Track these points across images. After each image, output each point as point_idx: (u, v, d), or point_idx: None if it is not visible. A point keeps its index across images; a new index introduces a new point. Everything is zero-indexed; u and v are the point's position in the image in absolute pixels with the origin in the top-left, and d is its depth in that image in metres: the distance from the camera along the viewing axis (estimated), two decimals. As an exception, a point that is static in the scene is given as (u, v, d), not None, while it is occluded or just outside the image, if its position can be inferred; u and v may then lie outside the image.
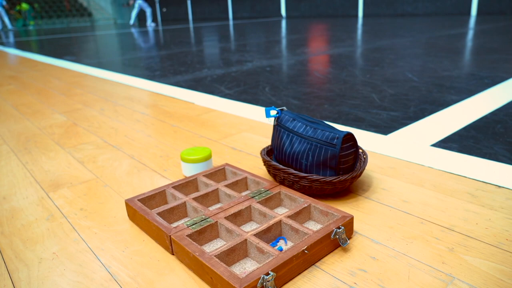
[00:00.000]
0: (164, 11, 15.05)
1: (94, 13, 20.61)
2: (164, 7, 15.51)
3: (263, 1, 11.77)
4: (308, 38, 4.46)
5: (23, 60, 3.60)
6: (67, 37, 7.28)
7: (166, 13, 16.25)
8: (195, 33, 6.53)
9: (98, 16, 20.38)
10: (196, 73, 2.30)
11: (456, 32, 4.18)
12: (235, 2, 12.78)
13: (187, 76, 2.22)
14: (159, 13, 16.67)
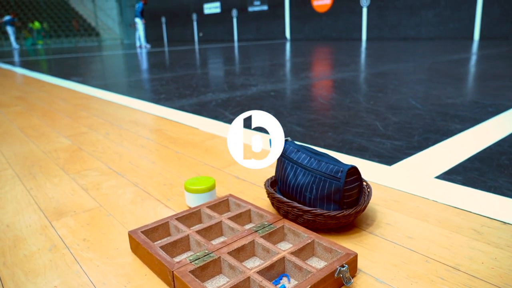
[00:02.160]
0: (201, 35, 15.16)
1: (102, 33, 21.00)
2: (201, 31, 15.67)
3: (268, 24, 11.96)
4: (312, 62, 4.51)
5: (31, 81, 3.65)
6: (75, 57, 7.40)
7: (172, 34, 16.53)
8: (200, 55, 6.63)
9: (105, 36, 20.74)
10: (201, 97, 2.32)
11: (459, 57, 4.22)
12: (240, 24, 12.99)
13: (192, 100, 2.24)
14: (166, 34, 16.95)
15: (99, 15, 21.43)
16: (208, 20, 14.34)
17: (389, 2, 8.87)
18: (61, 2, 23.32)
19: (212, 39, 14.28)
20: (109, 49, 11.40)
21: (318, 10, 10.39)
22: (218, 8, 13.61)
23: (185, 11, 15.35)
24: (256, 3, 12.09)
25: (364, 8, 9.34)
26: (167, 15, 16.53)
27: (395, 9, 8.78)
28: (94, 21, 21.10)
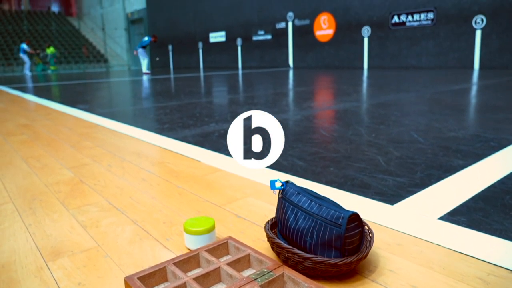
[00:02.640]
0: (157, 60, 15.54)
1: (110, 59, 21.39)
2: (158, 56, 16.00)
3: (272, 52, 12.16)
4: (314, 91, 4.55)
5: (38, 107, 3.70)
6: (83, 83, 7.51)
7: (178, 61, 16.81)
8: (205, 82, 6.71)
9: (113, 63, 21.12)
10: (204, 127, 2.34)
11: (460, 88, 4.24)
12: (245, 52, 13.21)
13: (195, 131, 2.25)
14: (172, 61, 17.24)
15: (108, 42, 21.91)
16: (214, 48, 14.60)
17: (389, 33, 9.02)
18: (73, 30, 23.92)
19: (217, 66, 14.50)
20: (116, 75, 11.58)
21: (321, 40, 10.58)
22: (224, 37, 13.88)
23: (191, 39, 15.67)
24: (260, 32, 12.33)
25: (365, 38, 9.50)
26: (174, 43, 16.87)
27: (395, 39, 8.93)
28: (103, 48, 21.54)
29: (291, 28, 11.38)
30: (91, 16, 25.54)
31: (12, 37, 21.09)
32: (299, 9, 11.04)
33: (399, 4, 8.75)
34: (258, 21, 12.41)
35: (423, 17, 8.39)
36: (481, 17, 7.51)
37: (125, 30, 20.09)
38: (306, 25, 10.91)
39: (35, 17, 24.58)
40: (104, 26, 20.16)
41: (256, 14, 12.43)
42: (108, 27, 21.23)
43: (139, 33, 19.62)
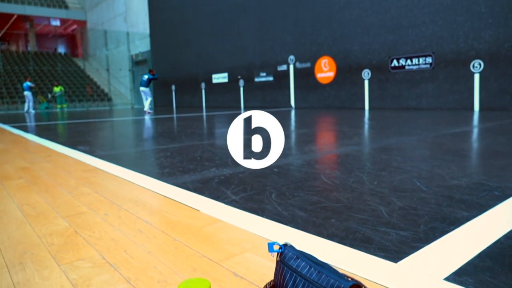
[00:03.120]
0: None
1: (114, 98, 21.74)
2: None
3: (273, 93, 12.36)
4: (316, 133, 4.57)
5: (38, 148, 3.70)
6: (85, 123, 7.58)
7: (181, 100, 17.07)
8: (207, 123, 6.77)
9: (117, 101, 21.45)
10: (204, 172, 2.32)
11: (461, 131, 4.26)
12: (247, 92, 13.44)
13: (195, 176, 2.23)
14: (175, 101, 17.52)
15: (112, 82, 22.38)
16: (216, 88, 14.87)
17: (389, 75, 9.20)
18: (78, 70, 24.52)
19: (220, 106, 14.70)
20: (119, 114, 11.71)
21: (322, 82, 10.78)
22: (226, 78, 14.17)
23: (194, 80, 16.00)
24: (262, 74, 12.60)
25: (365, 80, 9.67)
26: (177, 83, 17.21)
27: (395, 82, 9.08)
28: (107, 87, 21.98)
29: (292, 70, 11.63)
30: (96, 57, 26.26)
31: (18, 76, 21.59)
32: (300, 53, 11.33)
33: (398, 49, 8.97)
34: (260, 63, 12.71)
35: (421, 61, 8.57)
36: (479, 62, 7.66)
37: (130, 71, 20.58)
38: (307, 68, 11.15)
39: (42, 58, 25.28)
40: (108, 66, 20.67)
41: (258, 57, 12.75)
42: (113, 68, 21.75)
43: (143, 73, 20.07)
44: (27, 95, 15.70)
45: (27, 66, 22.80)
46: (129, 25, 21.28)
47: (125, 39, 20.87)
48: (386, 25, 9.17)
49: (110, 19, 23.71)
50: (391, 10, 9.08)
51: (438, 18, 8.29)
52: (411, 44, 8.75)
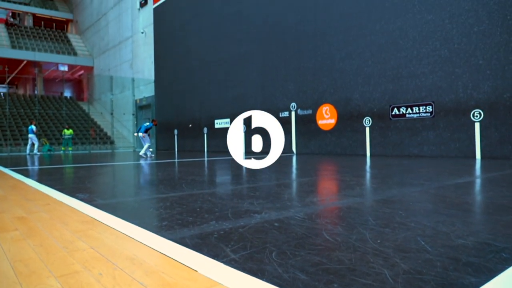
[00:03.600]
0: (190, 126, 15.98)
1: (116, 141, 21.89)
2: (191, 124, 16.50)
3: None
4: (317, 182, 4.54)
5: (37, 196, 3.67)
6: (87, 167, 7.58)
7: (183, 144, 17.18)
8: (208, 169, 6.75)
9: (119, 144, 21.59)
10: (203, 226, 2.27)
11: (464, 181, 4.22)
12: (249, 138, 13.53)
13: (194, 230, 2.18)
14: (177, 144, 17.63)
15: (115, 125, 22.66)
16: (218, 133, 15.00)
17: (390, 123, 9.30)
18: (82, 114, 24.93)
19: (221, 151, 14.75)
20: (121, 157, 11.74)
21: (323, 128, 10.88)
22: (228, 123, 14.33)
23: (197, 124, 16.19)
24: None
25: (366, 127, 9.76)
26: (179, 128, 17.41)
27: (396, 129, 9.16)
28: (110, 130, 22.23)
29: (294, 117, 11.78)
30: (101, 101, 26.79)
31: (23, 119, 21.92)
32: (302, 100, 11.54)
33: (398, 98, 9.13)
34: (262, 109, 12.91)
35: (422, 110, 8.70)
36: (479, 111, 7.77)
37: (133, 115, 20.90)
38: (308, 115, 11.30)
39: (48, 102, 25.80)
40: (113, 110, 21.02)
41: (260, 103, 12.97)
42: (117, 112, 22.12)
43: (146, 117, 20.37)
44: (32, 138, 15.94)
45: (32, 109, 23.22)
46: (134, 71, 21.88)
47: (130, 84, 21.38)
48: (386, 75, 9.40)
49: (116, 65, 24.43)
50: (390, 61, 9.34)
51: (437, 69, 8.50)
52: (411, 93, 8.92)
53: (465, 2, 8.13)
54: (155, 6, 19.50)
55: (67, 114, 23.82)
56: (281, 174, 5.60)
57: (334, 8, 10.71)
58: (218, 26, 15.10)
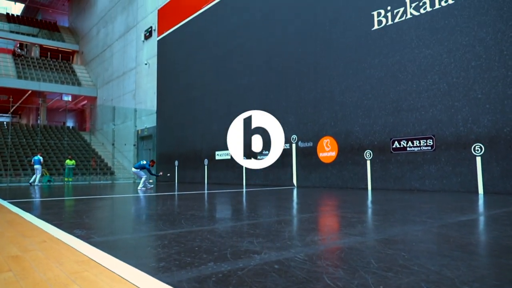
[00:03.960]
0: (168, 175, 16.04)
1: (117, 172, 21.84)
2: (168, 173, 16.57)
3: (276, 171, 12.42)
4: (318, 219, 4.48)
5: (33, 231, 3.61)
6: (86, 199, 7.51)
7: (183, 176, 17.12)
8: (208, 203, 6.69)
9: (119, 175, 21.54)
10: (201, 268, 2.22)
11: (467, 219, 4.16)
12: (249, 170, 13.51)
13: (192, 272, 2.13)
14: (177, 176, 17.57)
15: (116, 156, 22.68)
16: (219, 165, 14.99)
17: (391, 156, 9.28)
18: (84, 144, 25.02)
19: (222, 183, 14.69)
20: (120, 189, 11.67)
21: (324, 161, 10.87)
22: (229, 155, 14.34)
23: (198, 156, 16.20)
24: (264, 152, 12.76)
25: (367, 161, 9.75)
26: (180, 159, 17.41)
27: (397, 162, 9.14)
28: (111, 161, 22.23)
29: (295, 149, 11.79)
30: (103, 131, 26.95)
31: (25, 149, 21.98)
32: (302, 133, 11.59)
33: (399, 131, 9.17)
34: (262, 141, 12.95)
35: (422, 143, 8.70)
36: (479, 145, 7.77)
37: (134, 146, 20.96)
38: (309, 147, 11.32)
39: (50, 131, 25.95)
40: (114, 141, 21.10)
41: (261, 135, 13.02)
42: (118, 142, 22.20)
43: (147, 148, 20.43)
44: (37, 168, 16.06)
45: (34, 139, 23.32)
46: (137, 101, 22.13)
47: (132, 115, 21.57)
48: (386, 108, 9.47)
49: (119, 96, 24.74)
50: (390, 94, 9.43)
51: (436, 103, 8.57)
52: (411, 126, 8.95)
53: (462, 37, 8.29)
54: (159, 38, 19.96)
55: (69, 144, 23.90)
56: (281, 209, 5.53)
57: (333, 42, 10.94)
58: (220, 58, 15.39)
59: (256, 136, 4.46)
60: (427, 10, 8.95)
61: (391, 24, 9.60)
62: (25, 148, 22.15)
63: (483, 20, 8.04)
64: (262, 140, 12.85)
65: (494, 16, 7.90)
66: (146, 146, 20.64)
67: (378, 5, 9.92)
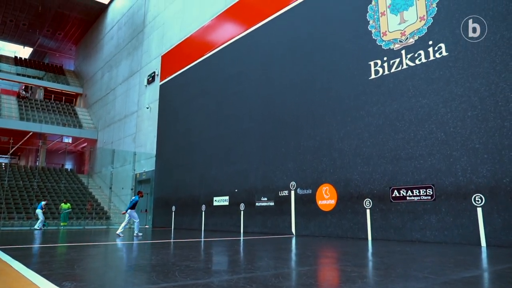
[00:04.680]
0: (236, 191, 15.75)
1: (112, 217, 21.50)
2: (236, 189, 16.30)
3: (274, 219, 12.21)
4: (317, 273, 4.33)
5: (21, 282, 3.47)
6: (79, 246, 7.31)
7: (180, 222, 16.82)
8: (204, 253, 6.51)
9: (115, 220, 21.19)
10: (192, 333, 2.09)
11: (471, 275, 4.02)
12: (247, 216, 13.30)
13: (182, 338, 2.00)
14: (173, 222, 17.26)
15: (113, 199, 22.42)
16: (216, 211, 14.78)
17: (391, 206, 9.17)
18: (81, 187, 24.82)
19: (219, 230, 14.43)
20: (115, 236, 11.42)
21: (323, 209, 10.72)
22: (227, 201, 14.18)
23: (195, 201, 16.01)
24: (263, 198, 12.63)
25: (367, 209, 9.61)
26: (177, 204, 17.19)
27: (397, 212, 9.01)
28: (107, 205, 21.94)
29: (293, 196, 11.67)
30: (101, 174, 26.84)
31: (21, 192, 21.76)
32: (301, 179, 11.52)
33: (398, 180, 9.11)
34: (261, 187, 12.85)
35: (422, 193, 8.62)
36: (480, 196, 7.69)
37: (131, 190, 20.77)
38: (308, 194, 11.20)
39: (47, 174, 25.82)
40: (112, 184, 20.94)
41: (260, 181, 12.95)
42: (116, 186, 22.03)
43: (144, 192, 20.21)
44: (38, 213, 16.05)
45: (32, 182, 23.15)
46: (137, 144, 22.21)
47: (132, 158, 21.57)
48: (385, 156, 9.47)
49: (120, 139, 24.87)
50: (389, 142, 9.47)
51: (434, 152, 8.58)
52: (410, 175, 8.91)
53: (457, 88, 8.46)
54: (161, 83, 20.38)
55: (66, 187, 23.71)
56: (279, 261, 5.37)
57: (332, 90, 11.14)
58: (220, 104, 15.62)
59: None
60: (422, 61, 9.19)
61: (388, 74, 9.83)
62: (21, 191, 21.92)
63: (476, 72, 8.24)
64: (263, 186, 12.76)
65: (487, 68, 8.10)
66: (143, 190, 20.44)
67: (375, 55, 10.20)
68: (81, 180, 26.32)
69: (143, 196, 11.89)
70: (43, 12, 31.73)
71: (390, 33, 9.99)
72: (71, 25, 34.93)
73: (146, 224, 19.19)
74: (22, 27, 34.60)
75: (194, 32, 18.43)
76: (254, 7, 14.97)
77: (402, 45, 9.66)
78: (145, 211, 17.44)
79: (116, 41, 29.07)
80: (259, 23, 14.38)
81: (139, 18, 25.21)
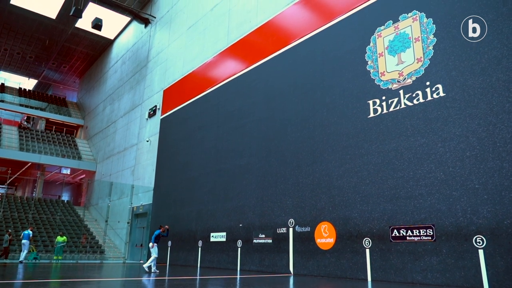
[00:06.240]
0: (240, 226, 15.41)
1: (107, 251, 21.09)
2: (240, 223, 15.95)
3: (272, 257, 11.95)
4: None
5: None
6: (70, 283, 7.09)
7: (176, 257, 16.46)
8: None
9: (109, 254, 20.76)
10: None
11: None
12: (244, 254, 13.02)
13: None
14: (169, 257, 16.89)
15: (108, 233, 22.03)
16: (213, 248, 14.49)
17: (391, 246, 8.99)
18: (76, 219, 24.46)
19: (215, 267, 14.09)
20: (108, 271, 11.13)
21: (322, 248, 10.51)
22: (224, 238, 13.94)
23: (192, 237, 15.73)
24: (261, 235, 12.42)
25: (367, 249, 9.43)
26: (173, 240, 16.86)
27: (398, 252, 8.82)
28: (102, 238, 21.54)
29: (292, 234, 11.48)
30: (98, 207, 26.53)
31: (15, 223, 21.41)
32: (300, 217, 11.37)
33: (398, 219, 8.99)
34: (259, 224, 12.66)
35: (422, 233, 8.48)
36: (481, 237, 7.56)
37: (128, 224, 20.46)
38: (306, 232, 11.02)
39: (43, 205, 25.52)
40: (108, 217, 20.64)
41: (258, 217, 12.78)
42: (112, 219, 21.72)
43: (141, 226, 19.90)
44: (25, 244, 15.53)
45: (27, 213, 22.85)
46: (135, 177, 22.09)
47: (129, 191, 21.39)
48: (385, 195, 9.39)
49: (118, 171, 24.77)
50: (388, 181, 9.42)
51: (434, 191, 8.52)
52: (410, 214, 8.80)
53: (455, 127, 8.50)
54: (162, 117, 20.53)
55: (61, 219, 23.37)
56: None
57: (331, 128, 11.20)
58: (220, 139, 15.67)
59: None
60: (420, 101, 9.30)
61: (386, 113, 9.92)
62: (15, 222, 21.59)
63: (474, 113, 8.31)
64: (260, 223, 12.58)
65: (484, 109, 8.19)
66: (140, 224, 20.14)
67: (373, 95, 10.33)
68: (77, 212, 25.98)
69: (164, 231, 11.56)
70: (50, 45, 32.50)
71: (388, 73, 10.17)
72: (76, 58, 35.66)
73: (140, 259, 18.76)
74: (29, 60, 35.33)
75: (196, 68, 18.78)
76: (256, 46, 15.33)
77: (400, 85, 9.81)
78: (140, 246, 17.13)
79: (119, 74, 29.58)
80: (261, 60, 14.67)
81: (143, 53, 25.77)
